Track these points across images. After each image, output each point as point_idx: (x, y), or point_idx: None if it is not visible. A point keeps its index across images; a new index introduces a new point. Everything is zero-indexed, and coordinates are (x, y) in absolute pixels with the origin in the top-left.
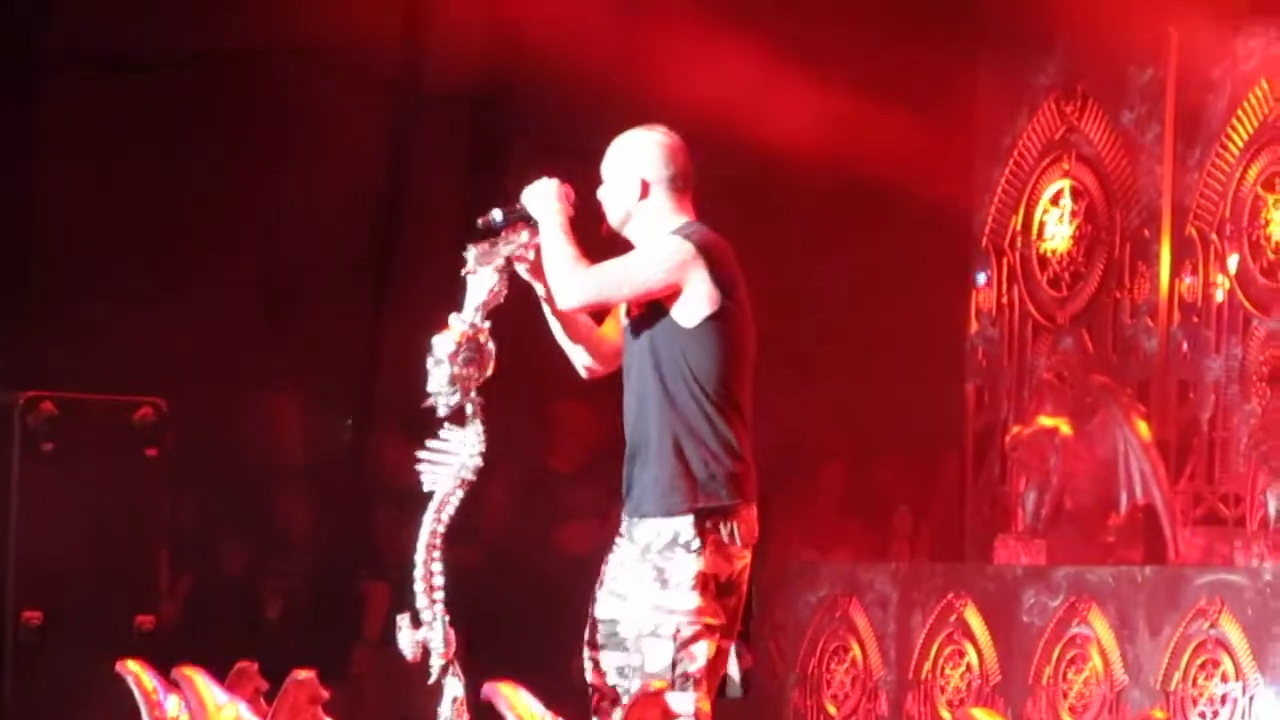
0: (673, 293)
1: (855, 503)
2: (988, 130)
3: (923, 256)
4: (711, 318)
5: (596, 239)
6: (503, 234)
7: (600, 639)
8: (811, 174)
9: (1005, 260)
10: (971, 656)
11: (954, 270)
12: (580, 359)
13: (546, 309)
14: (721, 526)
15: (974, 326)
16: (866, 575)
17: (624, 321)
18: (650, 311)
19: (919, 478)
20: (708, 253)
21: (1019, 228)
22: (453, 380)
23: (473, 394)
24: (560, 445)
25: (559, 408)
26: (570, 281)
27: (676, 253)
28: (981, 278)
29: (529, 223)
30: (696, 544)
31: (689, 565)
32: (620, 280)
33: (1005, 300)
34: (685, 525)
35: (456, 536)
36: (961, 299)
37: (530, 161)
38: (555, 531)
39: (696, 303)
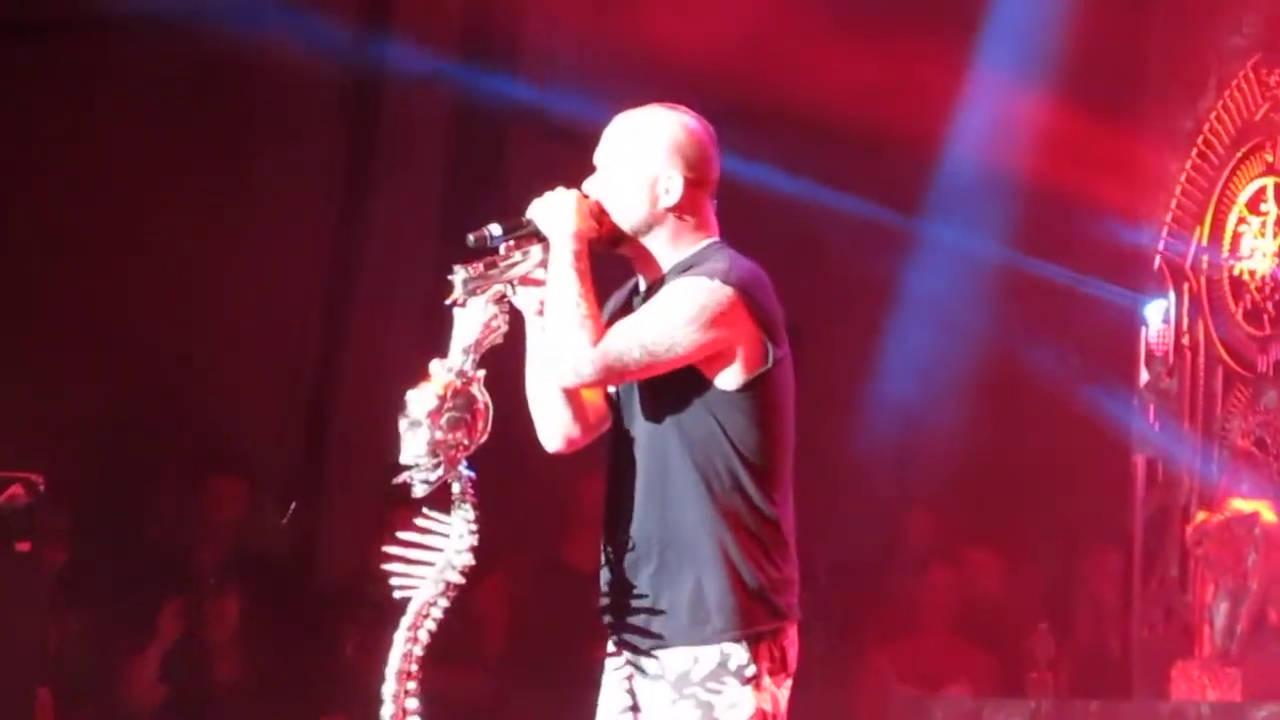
0: (712, 355)
1: (975, 618)
2: (1160, 111)
3: (1075, 281)
4: (759, 377)
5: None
6: (500, 254)
7: None
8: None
9: (1186, 286)
10: None
11: (1116, 300)
12: (560, 425)
13: (534, 349)
14: (774, 650)
15: (1143, 377)
16: (996, 715)
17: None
18: (670, 370)
19: (1065, 583)
20: (751, 294)
21: (1205, 242)
22: (434, 448)
23: (461, 467)
24: (582, 533)
25: (581, 484)
26: (575, 349)
27: (714, 303)
28: (1154, 310)
29: (539, 240)
30: (752, 670)
31: (745, 700)
32: (643, 351)
33: (1186, 341)
34: (737, 649)
35: (447, 657)
36: (1126, 339)
37: (535, 155)
38: (587, 650)
39: (741, 359)
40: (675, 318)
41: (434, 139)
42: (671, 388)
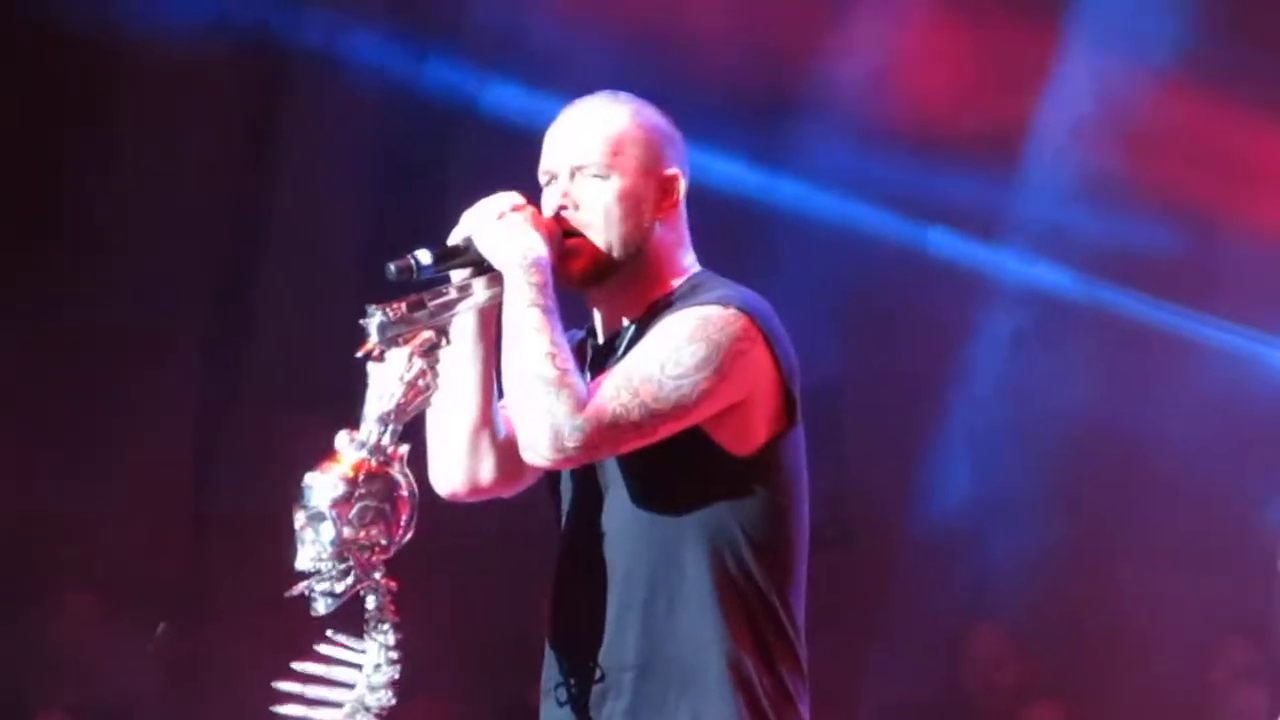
0: (724, 409)
1: None
2: None
3: (1209, 326)
4: (778, 440)
5: None
6: (430, 291)
7: None
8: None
9: None
10: None
11: (1265, 349)
12: (463, 466)
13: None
14: None
15: None
16: None
17: None
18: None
19: (1182, 703)
20: (770, 327)
21: None
22: (342, 549)
23: (378, 573)
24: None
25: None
26: (554, 418)
27: (728, 338)
28: None
29: (483, 271)
30: None
31: None
32: (644, 411)
33: None
34: None
35: None
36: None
37: (482, 158)
38: None
39: (759, 414)
40: (681, 362)
41: (351, 136)
42: (664, 458)
